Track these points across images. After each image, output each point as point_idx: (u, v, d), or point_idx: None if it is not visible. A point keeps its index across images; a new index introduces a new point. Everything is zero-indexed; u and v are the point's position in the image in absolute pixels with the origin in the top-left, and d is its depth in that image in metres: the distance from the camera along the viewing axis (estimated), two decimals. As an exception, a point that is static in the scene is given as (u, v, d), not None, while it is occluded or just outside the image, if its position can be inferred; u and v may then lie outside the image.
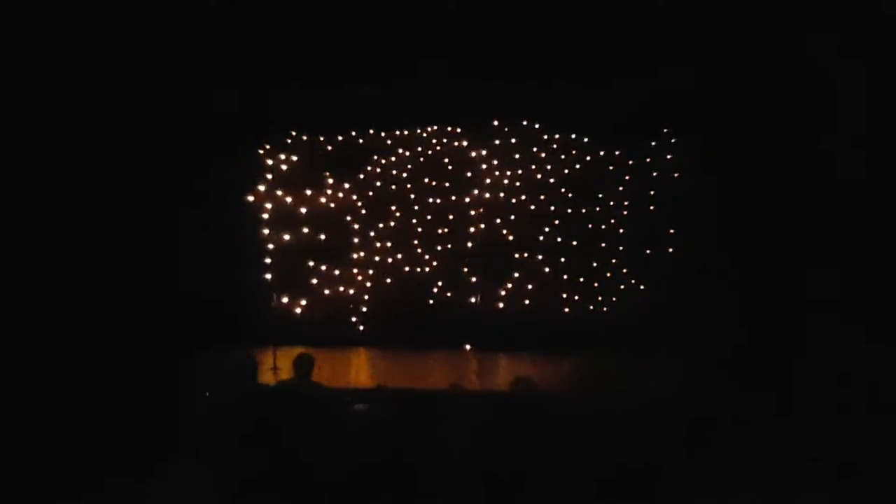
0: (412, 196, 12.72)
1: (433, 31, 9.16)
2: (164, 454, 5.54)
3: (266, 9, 9.16)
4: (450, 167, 12.65)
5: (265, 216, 11.94)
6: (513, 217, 12.47)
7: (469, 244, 12.21)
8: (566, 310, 12.21)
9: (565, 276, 12.24)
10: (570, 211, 12.40)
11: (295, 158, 12.53)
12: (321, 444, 4.91)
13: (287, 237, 12.03)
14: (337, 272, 12.56)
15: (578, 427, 4.81)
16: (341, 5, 9.16)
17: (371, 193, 12.72)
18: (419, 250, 12.60)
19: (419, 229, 12.62)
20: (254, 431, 4.90)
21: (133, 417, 6.45)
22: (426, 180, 12.71)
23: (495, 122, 12.38)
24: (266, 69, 9.58)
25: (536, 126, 12.41)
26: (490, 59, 9.40)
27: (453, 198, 12.57)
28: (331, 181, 12.75)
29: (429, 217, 12.63)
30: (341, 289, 12.57)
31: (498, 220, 12.34)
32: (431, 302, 12.55)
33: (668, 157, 11.69)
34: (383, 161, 12.77)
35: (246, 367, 6.48)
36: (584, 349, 10.68)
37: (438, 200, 12.63)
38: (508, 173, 12.51)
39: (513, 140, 12.50)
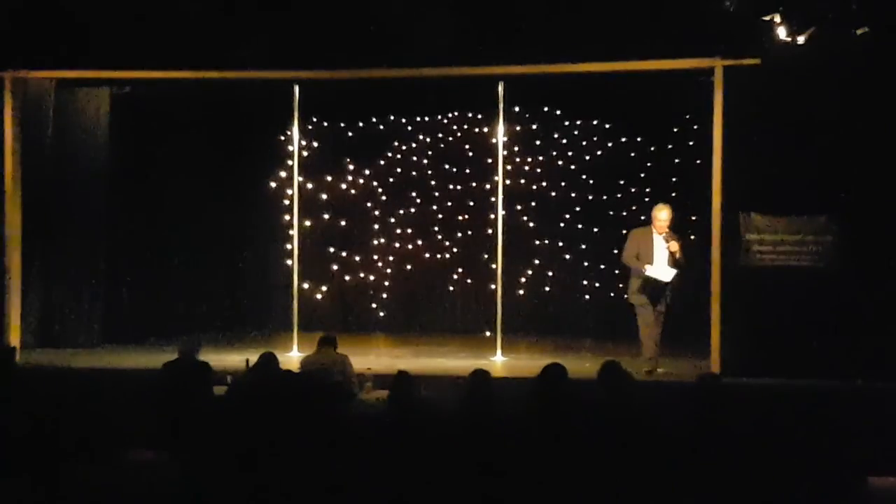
0: (432, 183, 12.69)
1: (453, 15, 9.10)
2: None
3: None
4: (470, 154, 12.60)
5: (286, 202, 11.95)
6: (533, 204, 12.40)
7: (489, 231, 12.17)
8: (587, 297, 12.17)
9: (586, 264, 12.19)
10: (591, 198, 12.31)
11: (315, 145, 12.52)
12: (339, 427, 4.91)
13: (308, 223, 12.04)
14: (357, 258, 12.59)
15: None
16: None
17: (391, 180, 12.71)
18: (439, 237, 12.59)
19: (439, 216, 12.60)
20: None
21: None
22: (446, 167, 12.67)
23: (516, 109, 12.29)
24: (288, 55, 9.57)
25: (558, 112, 12.30)
26: (511, 43, 9.33)
27: (473, 184, 12.52)
28: (351, 167, 12.75)
29: (449, 203, 12.60)
30: (361, 275, 12.60)
31: (518, 207, 12.26)
32: (451, 289, 12.56)
33: (690, 143, 11.54)
34: (403, 147, 12.73)
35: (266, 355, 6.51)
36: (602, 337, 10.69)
37: (459, 187, 12.59)
38: (529, 160, 12.43)
39: (533, 126, 12.40)
